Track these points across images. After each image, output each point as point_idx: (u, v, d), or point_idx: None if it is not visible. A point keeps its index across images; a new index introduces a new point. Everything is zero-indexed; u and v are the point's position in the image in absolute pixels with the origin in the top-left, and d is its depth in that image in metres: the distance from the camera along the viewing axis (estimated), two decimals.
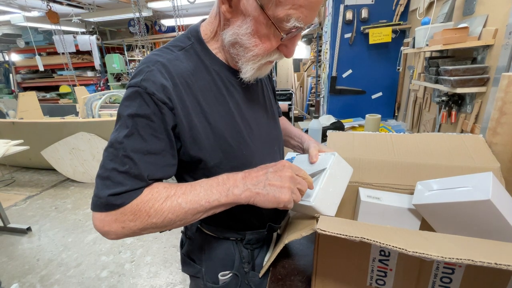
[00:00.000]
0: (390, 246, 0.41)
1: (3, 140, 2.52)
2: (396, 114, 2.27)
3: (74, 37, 6.22)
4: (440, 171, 0.72)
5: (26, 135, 3.23)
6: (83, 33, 6.77)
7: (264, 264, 0.72)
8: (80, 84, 6.32)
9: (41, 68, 6.01)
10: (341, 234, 0.44)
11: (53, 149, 3.41)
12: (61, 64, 6.62)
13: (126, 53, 7.31)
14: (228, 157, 0.60)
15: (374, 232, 0.45)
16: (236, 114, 0.60)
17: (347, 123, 2.06)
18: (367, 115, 1.75)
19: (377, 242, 0.42)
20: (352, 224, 0.50)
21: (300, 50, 5.07)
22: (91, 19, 5.79)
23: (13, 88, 7.74)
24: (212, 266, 0.72)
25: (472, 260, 0.36)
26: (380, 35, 2.00)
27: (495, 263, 0.36)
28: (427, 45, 1.42)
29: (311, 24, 0.52)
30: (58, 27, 5.37)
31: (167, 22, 6.77)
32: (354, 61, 2.18)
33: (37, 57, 5.92)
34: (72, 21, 5.90)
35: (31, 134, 3.39)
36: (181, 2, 4.41)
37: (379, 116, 1.74)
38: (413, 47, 1.60)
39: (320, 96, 2.92)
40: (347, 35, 2.12)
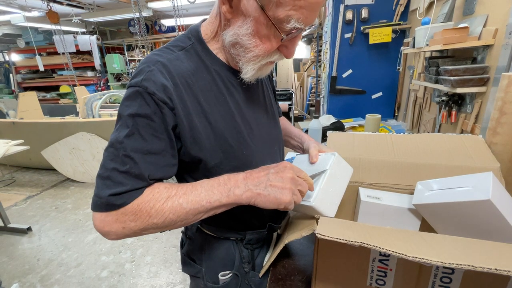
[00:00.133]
0: (390, 251, 0.41)
1: (3, 140, 2.52)
2: (396, 114, 2.27)
3: (74, 37, 6.22)
4: (440, 171, 0.72)
5: (26, 135, 3.23)
6: (83, 33, 6.77)
7: (264, 264, 0.72)
8: (80, 84, 6.32)
9: (41, 68, 6.02)
10: (340, 239, 0.44)
11: (53, 149, 3.42)
12: (61, 64, 6.62)
13: (126, 53, 7.32)
14: (228, 157, 0.60)
15: (374, 235, 0.45)
16: (236, 114, 0.60)
17: (347, 123, 2.06)
18: (367, 115, 1.75)
19: (376, 247, 0.42)
20: (351, 227, 0.50)
21: (300, 50, 5.07)
22: (91, 19, 5.79)
23: (13, 88, 7.74)
24: (212, 266, 0.72)
25: (472, 266, 0.36)
26: (380, 35, 2.00)
27: (495, 268, 0.36)
28: (427, 45, 1.42)
29: (312, 25, 0.52)
30: (58, 27, 5.37)
31: (167, 22, 6.77)
32: (354, 61, 2.18)
33: (37, 57, 5.92)
34: (72, 21, 5.90)
35: (31, 134, 3.39)
36: (181, 2, 4.41)
37: (379, 116, 1.74)
38: (413, 47, 1.60)
39: (320, 96, 2.92)
40: (347, 35, 2.12)
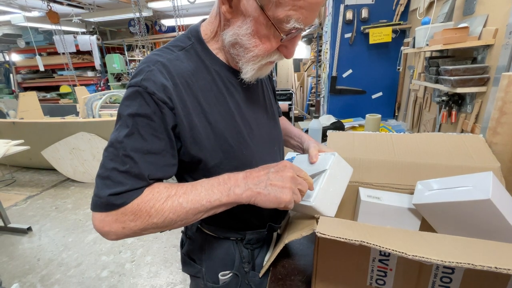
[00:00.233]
0: (390, 249, 0.41)
1: (4, 140, 2.52)
2: (396, 114, 2.26)
3: (75, 37, 6.22)
4: (440, 171, 0.72)
5: (27, 135, 3.23)
6: (83, 33, 6.77)
7: (264, 264, 0.72)
8: (81, 84, 6.32)
9: (41, 68, 6.02)
10: (340, 238, 0.44)
11: (53, 149, 3.42)
12: (61, 64, 6.62)
13: (126, 53, 7.31)
14: (228, 157, 0.60)
15: (373, 235, 0.45)
16: (236, 114, 0.60)
17: (347, 123, 2.06)
18: (367, 115, 1.75)
19: (377, 245, 0.42)
20: (351, 226, 0.50)
21: (300, 50, 5.07)
22: (91, 19, 5.79)
23: (13, 88, 7.74)
24: (212, 266, 0.72)
25: (472, 264, 0.36)
26: (380, 35, 2.00)
27: (495, 267, 0.36)
28: (427, 45, 1.42)
29: (311, 25, 0.52)
30: (59, 27, 5.37)
31: (167, 22, 6.77)
32: (354, 61, 2.18)
33: (37, 57, 5.92)
34: (73, 21, 5.90)
35: (31, 134, 3.39)
36: (181, 2, 4.41)
37: (379, 116, 1.74)
38: (413, 47, 1.60)
39: (320, 96, 2.92)
40: (347, 35, 2.12)
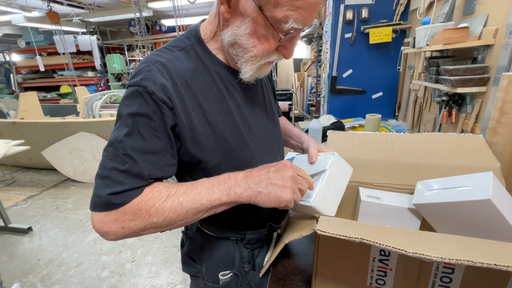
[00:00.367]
0: (390, 247, 0.41)
1: (4, 140, 2.52)
2: (397, 114, 2.26)
3: (75, 37, 6.22)
4: (440, 171, 0.72)
5: (27, 135, 3.24)
6: (83, 33, 6.77)
7: (265, 263, 0.72)
8: (81, 84, 6.32)
9: (41, 68, 6.03)
10: (340, 235, 0.44)
11: (53, 149, 3.42)
12: (61, 64, 6.62)
13: (126, 53, 7.32)
14: (228, 157, 0.60)
15: (373, 233, 0.45)
16: (236, 114, 0.60)
17: (348, 123, 2.06)
18: (367, 115, 1.75)
19: (377, 243, 0.42)
20: (352, 225, 0.50)
21: (301, 50, 5.07)
22: (92, 19, 5.79)
23: (14, 88, 7.75)
24: (213, 265, 0.72)
25: (472, 261, 0.36)
26: (380, 35, 2.00)
27: (495, 264, 0.36)
28: (427, 45, 1.42)
29: (310, 25, 0.52)
30: (59, 27, 5.37)
31: (167, 22, 6.78)
32: (354, 61, 2.18)
33: (37, 57, 5.93)
34: (73, 21, 5.91)
35: (31, 134, 3.39)
36: (181, 2, 4.41)
37: (380, 116, 1.74)
38: (413, 47, 1.60)
39: (321, 96, 2.92)
40: (348, 35, 2.12)
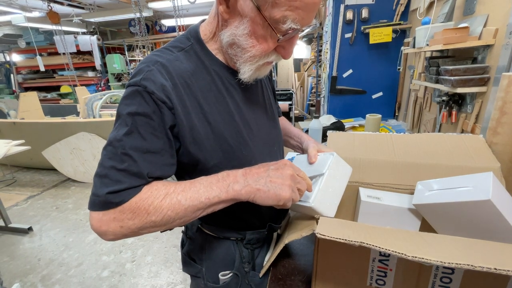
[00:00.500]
0: (390, 250, 0.41)
1: (4, 140, 2.52)
2: (397, 114, 2.26)
3: (75, 37, 6.23)
4: (441, 171, 0.72)
5: (27, 135, 3.24)
6: (83, 33, 6.78)
7: (265, 264, 0.72)
8: (81, 84, 6.33)
9: (42, 68, 6.04)
10: (340, 239, 0.44)
11: (54, 149, 3.42)
12: (62, 64, 6.62)
13: (126, 53, 7.32)
14: (227, 157, 0.60)
15: (373, 235, 0.45)
16: (235, 114, 0.60)
17: (348, 123, 2.06)
18: (367, 115, 1.75)
19: (376, 246, 0.42)
20: (351, 227, 0.50)
21: (301, 50, 5.08)
22: (92, 19, 5.80)
23: (14, 88, 7.75)
24: (213, 265, 0.72)
25: (472, 265, 0.36)
26: (380, 35, 2.00)
27: (495, 268, 0.36)
28: (427, 45, 1.41)
29: (309, 25, 0.52)
30: (59, 28, 5.37)
31: (167, 22, 6.78)
32: (354, 61, 2.18)
33: (38, 57, 5.94)
34: (73, 21, 5.91)
35: (32, 134, 3.39)
36: (181, 2, 4.41)
37: (380, 116, 1.74)
38: (413, 47, 1.60)
39: (321, 96, 2.92)
40: (348, 35, 2.12)
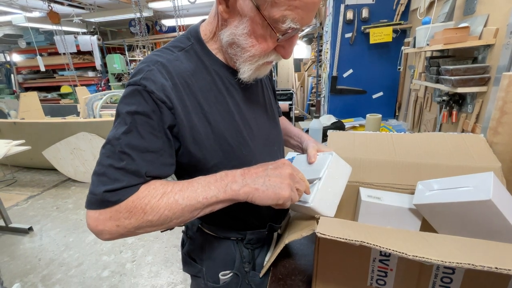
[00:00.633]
0: (390, 250, 0.41)
1: (5, 140, 2.53)
2: (397, 114, 2.26)
3: (75, 37, 6.23)
4: (441, 171, 0.72)
5: (28, 135, 3.24)
6: (84, 33, 6.78)
7: (265, 264, 0.72)
8: (81, 84, 6.33)
9: (42, 69, 6.04)
10: (341, 238, 0.44)
11: (54, 149, 3.42)
12: (62, 64, 6.63)
13: (127, 53, 7.32)
14: (228, 157, 0.60)
15: (374, 235, 0.45)
16: (236, 114, 0.60)
17: (348, 122, 2.06)
18: (367, 115, 1.75)
19: (377, 246, 0.42)
20: (352, 226, 0.50)
21: (301, 50, 5.07)
22: (92, 20, 5.80)
23: (14, 88, 7.76)
24: (213, 265, 0.72)
25: (473, 265, 0.36)
26: (380, 34, 2.00)
27: (496, 267, 0.35)
28: (427, 44, 1.41)
29: (309, 25, 0.52)
30: (59, 28, 5.38)
31: (167, 22, 6.78)
32: (354, 60, 2.18)
33: (38, 57, 5.94)
34: (73, 21, 5.91)
35: (32, 134, 3.40)
36: (181, 2, 4.41)
37: (380, 116, 1.74)
38: (413, 46, 1.60)
39: (321, 96, 2.92)
40: (348, 35, 2.12)
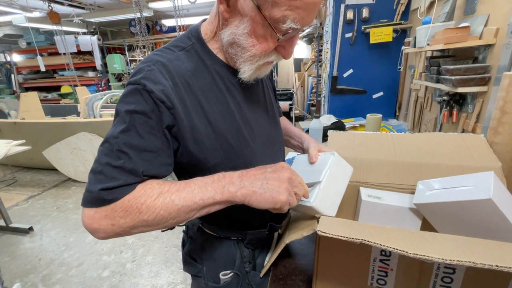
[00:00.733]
0: (391, 248, 0.41)
1: (5, 140, 2.53)
2: (397, 114, 2.26)
3: (75, 37, 6.23)
4: (441, 171, 0.72)
5: (28, 135, 3.24)
6: (84, 33, 6.78)
7: (265, 263, 0.72)
8: (82, 84, 6.34)
9: (42, 69, 6.05)
10: (341, 236, 0.44)
11: (54, 149, 3.42)
12: (62, 64, 6.63)
13: (127, 53, 7.33)
14: (228, 156, 0.60)
15: (374, 234, 0.45)
16: (236, 113, 0.60)
17: (348, 122, 2.06)
18: (368, 115, 1.75)
19: (378, 244, 0.42)
20: (352, 225, 0.50)
21: (301, 50, 5.07)
22: (92, 20, 5.80)
23: (14, 88, 7.76)
24: (213, 265, 0.72)
25: (473, 262, 0.36)
26: (381, 34, 1.99)
27: (496, 265, 0.35)
28: (428, 44, 1.41)
29: (310, 25, 0.52)
30: (59, 28, 5.38)
31: (168, 22, 6.78)
32: (355, 60, 2.18)
33: (38, 57, 5.95)
34: (73, 21, 5.91)
35: (32, 134, 3.40)
36: (181, 2, 4.41)
37: (380, 115, 1.74)
38: (414, 46, 1.60)
39: (321, 95, 2.92)
40: (348, 35, 2.12)
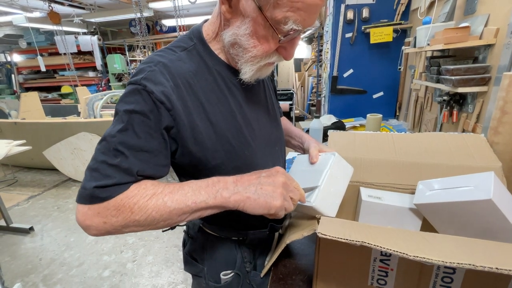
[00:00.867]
0: (391, 250, 0.41)
1: (6, 140, 2.53)
2: (398, 114, 2.26)
3: (76, 37, 6.23)
4: (442, 171, 0.72)
5: (28, 135, 3.24)
6: (84, 33, 6.78)
7: (266, 263, 0.72)
8: (82, 85, 6.35)
9: (43, 69, 6.05)
10: (341, 238, 0.44)
11: (55, 149, 3.43)
12: (62, 64, 6.64)
13: (127, 53, 7.33)
14: (229, 157, 0.60)
15: (375, 235, 0.45)
16: (237, 114, 0.60)
17: (348, 122, 2.06)
18: (368, 115, 1.75)
19: (378, 246, 0.42)
20: (353, 226, 0.50)
21: (301, 50, 5.07)
22: (93, 20, 5.79)
23: (15, 88, 7.76)
24: (214, 265, 0.72)
25: (474, 265, 0.36)
26: (381, 34, 2.00)
27: (496, 267, 0.36)
28: (428, 44, 1.41)
29: (311, 27, 0.52)
30: (60, 28, 5.39)
31: (168, 22, 6.78)
32: (355, 60, 2.18)
33: (39, 57, 5.95)
34: (74, 21, 5.91)
35: (33, 134, 3.40)
36: (182, 2, 4.41)
37: (380, 115, 1.74)
38: (414, 46, 1.60)
39: (321, 95, 2.92)
40: (348, 35, 2.12)
